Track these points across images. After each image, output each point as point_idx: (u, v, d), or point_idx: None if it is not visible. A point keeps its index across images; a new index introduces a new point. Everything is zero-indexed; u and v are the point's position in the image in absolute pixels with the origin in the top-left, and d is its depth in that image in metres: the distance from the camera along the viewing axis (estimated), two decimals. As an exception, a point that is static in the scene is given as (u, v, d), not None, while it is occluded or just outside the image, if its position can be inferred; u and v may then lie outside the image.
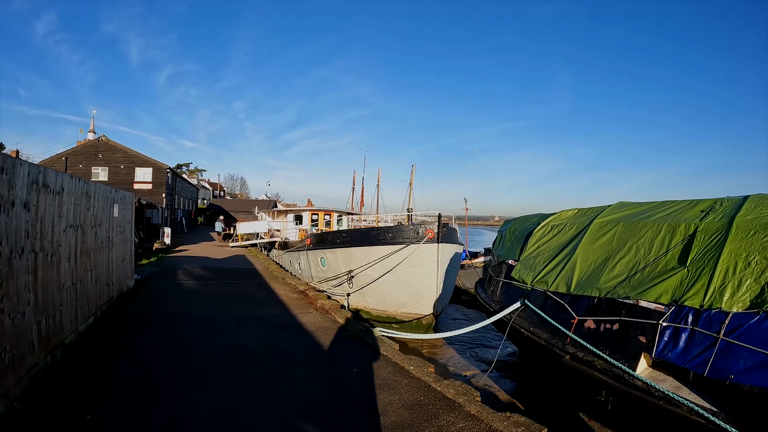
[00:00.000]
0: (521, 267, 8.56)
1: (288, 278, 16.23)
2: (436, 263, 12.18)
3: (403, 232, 12.53)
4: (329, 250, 15.04)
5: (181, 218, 48.33)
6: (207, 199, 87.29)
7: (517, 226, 10.39)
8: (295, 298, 12.21)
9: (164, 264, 18.81)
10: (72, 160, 41.01)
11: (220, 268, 18.41)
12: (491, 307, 9.05)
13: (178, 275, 15.64)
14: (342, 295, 14.21)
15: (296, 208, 28.35)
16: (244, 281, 14.92)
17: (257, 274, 17.29)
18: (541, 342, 6.74)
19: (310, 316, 10.01)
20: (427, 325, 12.90)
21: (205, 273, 16.53)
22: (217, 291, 12.75)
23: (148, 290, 12.35)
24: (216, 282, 14.45)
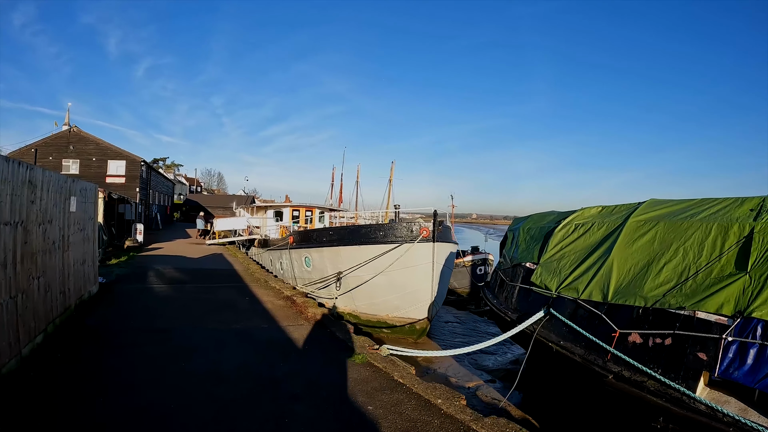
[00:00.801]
0: (543, 271, 7.71)
1: (271, 281, 14.81)
2: (431, 264, 11.25)
3: (396, 230, 11.54)
4: (314, 250, 13.87)
5: (155, 214, 46.12)
6: (183, 195, 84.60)
7: (532, 225, 9.49)
8: (282, 306, 10.83)
9: (135, 264, 17.12)
10: (42, 151, 38.62)
11: (196, 269, 16.84)
12: (507, 315, 8.26)
13: (150, 278, 14.05)
14: (328, 298, 13.23)
15: (276, 204, 26.92)
16: (223, 285, 13.44)
17: (237, 276, 15.79)
18: (575, 358, 5.91)
19: (303, 330, 8.68)
20: (421, 330, 11.97)
21: (179, 275, 14.97)
22: (193, 297, 11.28)
23: (114, 297, 10.79)
24: (192, 286, 12.94)
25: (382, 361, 6.97)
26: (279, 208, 26.33)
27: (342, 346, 7.71)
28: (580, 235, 7.55)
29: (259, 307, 10.66)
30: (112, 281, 12.87)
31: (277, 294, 12.46)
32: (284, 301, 11.45)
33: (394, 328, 12.23)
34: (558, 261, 7.53)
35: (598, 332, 5.76)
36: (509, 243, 10.33)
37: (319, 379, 6.10)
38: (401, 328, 12.13)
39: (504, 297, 9.18)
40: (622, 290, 5.84)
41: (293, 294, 12.34)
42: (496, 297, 9.70)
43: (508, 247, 10.23)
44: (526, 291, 8.12)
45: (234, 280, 14.63)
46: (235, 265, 18.65)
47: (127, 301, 10.36)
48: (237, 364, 6.49)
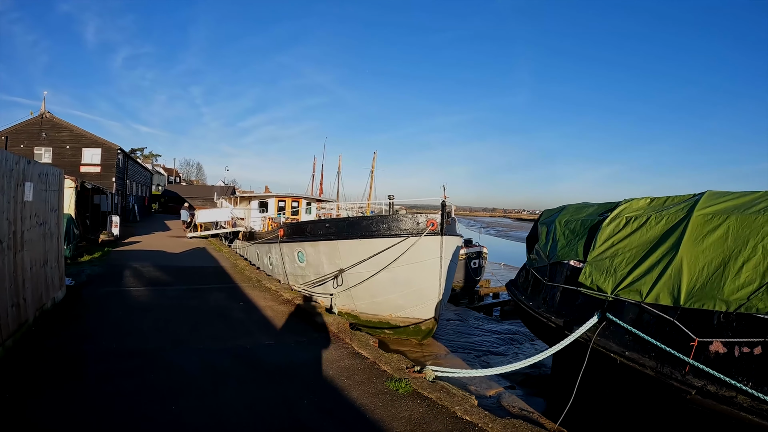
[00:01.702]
0: (592, 270, 6.94)
1: (264, 280, 13.20)
2: (439, 259, 10.31)
3: (400, 222, 10.57)
4: (309, 244, 12.62)
5: (133, 205, 43.64)
6: (162, 185, 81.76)
7: (570, 217, 8.67)
8: (284, 313, 9.29)
9: (110, 262, 15.25)
10: (12, 139, 35.81)
11: (179, 266, 15.06)
12: (551, 321, 7.51)
13: (126, 278, 12.26)
14: (324, 296, 12.13)
15: (261, 194, 25.30)
16: (211, 286, 11.77)
17: (225, 274, 14.11)
18: (646, 371, 5.30)
19: (318, 347, 7.19)
20: (427, 330, 11.07)
21: (160, 274, 13.21)
22: (178, 304, 9.60)
23: (84, 305, 9.04)
24: (175, 289, 11.22)
25: (432, 389, 5.55)
26: (264, 198, 24.77)
27: (374, 369, 6.22)
28: (635, 229, 6.75)
29: (258, 315, 9.07)
30: (82, 283, 11.11)
31: (275, 297, 10.86)
32: (285, 306, 9.88)
33: (397, 329, 11.31)
34: (611, 259, 6.75)
35: (671, 341, 5.20)
36: (543, 238, 9.35)
37: (364, 426, 4.57)
38: (405, 328, 11.20)
39: (542, 299, 8.30)
40: (697, 293, 5.25)
41: (293, 296, 10.78)
42: (531, 299, 8.82)
43: (543, 243, 9.28)
44: (572, 293, 7.33)
45: (223, 280, 12.97)
46: (222, 262, 16.93)
47: (98, 311, 8.61)
48: (245, 407, 4.87)
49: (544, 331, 8.35)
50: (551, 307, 7.89)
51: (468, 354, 11.25)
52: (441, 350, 11.26)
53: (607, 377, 6.34)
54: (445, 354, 10.99)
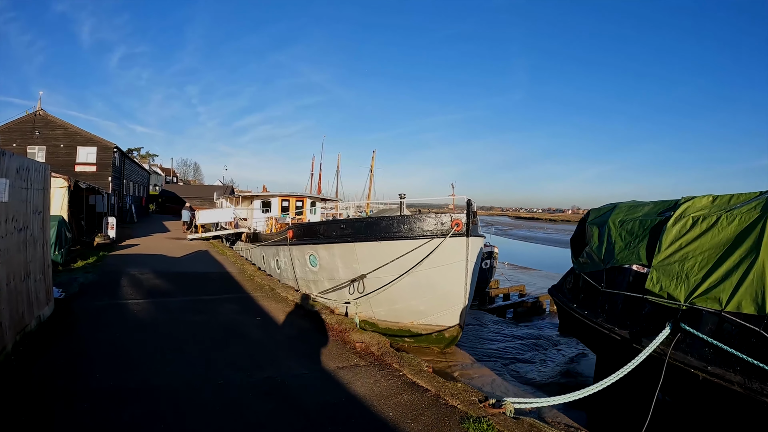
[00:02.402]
0: (660, 276, 6.37)
1: (278, 288, 11.89)
2: (465, 261, 9.55)
3: (423, 222, 9.75)
4: (322, 246, 11.64)
5: (130, 206, 42.10)
6: (159, 186, 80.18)
7: (625, 217, 7.95)
8: (311, 330, 8.05)
9: (105, 268, 13.84)
10: (5, 138, 34.25)
11: (181, 272, 13.68)
12: (613, 332, 6.91)
13: (123, 288, 10.86)
14: (338, 302, 11.31)
15: (264, 193, 24.10)
16: (219, 297, 10.41)
17: (233, 281, 12.76)
18: (734, 388, 4.82)
19: (363, 375, 5.84)
20: (451, 338, 10.21)
21: (161, 282, 11.82)
22: (183, 320, 8.23)
23: (74, 323, 7.64)
24: (179, 300, 9.85)
25: (520, 429, 4.34)
26: (267, 198, 23.43)
27: (440, 405, 4.92)
28: (704, 230, 6.17)
29: (280, 333, 7.74)
30: (74, 294, 9.75)
31: (294, 309, 9.55)
32: (309, 321, 8.58)
33: (418, 337, 10.50)
34: (680, 263, 6.19)
35: (760, 354, 4.75)
36: (595, 239, 8.54)
37: None
38: (427, 336, 10.38)
39: (600, 308, 7.66)
40: (785, 300, 4.79)
41: (318, 309, 9.45)
42: (585, 307, 8.16)
43: (596, 245, 8.43)
44: (637, 300, 6.77)
45: (231, 289, 11.61)
46: (227, 266, 15.56)
47: (91, 332, 7.21)
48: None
49: (603, 344, 7.70)
50: (612, 317, 7.27)
51: (495, 362, 10.50)
52: (466, 359, 10.51)
53: (685, 394, 5.91)
54: (471, 363, 10.23)
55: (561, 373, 10.07)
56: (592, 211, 9.53)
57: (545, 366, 10.55)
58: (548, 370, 10.27)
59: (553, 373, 10.09)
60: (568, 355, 11.38)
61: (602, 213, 9.00)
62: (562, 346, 12.07)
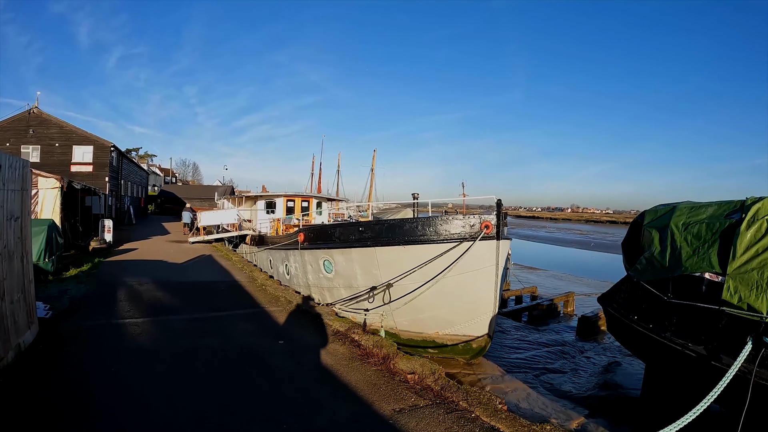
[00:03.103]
0: (738, 285, 5.86)
1: (294, 299, 10.57)
2: (495, 266, 8.90)
3: (450, 224, 9.05)
4: (338, 251, 10.80)
5: (128, 207, 40.58)
6: (158, 186, 78.63)
7: (689, 219, 7.16)
8: (348, 357, 6.60)
9: (100, 277, 12.40)
10: (-2, 137, 32.96)
11: (185, 283, 12.24)
12: (686, 348, 6.35)
13: (119, 303, 9.41)
14: (357, 312, 10.48)
15: (268, 193, 22.74)
16: (230, 313, 9.00)
17: (243, 292, 11.36)
18: None
19: (426, 419, 4.53)
20: (478, 349, 9.48)
21: (163, 295, 10.40)
22: (192, 346, 6.78)
23: (60, 354, 6.19)
24: (185, 318, 8.43)
25: None
26: (271, 198, 22.10)
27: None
28: None
29: (312, 362, 6.32)
30: (63, 311, 8.34)
31: (320, 327, 8.15)
32: (343, 344, 7.16)
33: (443, 348, 9.76)
34: (759, 271, 5.73)
35: None
36: (656, 244, 7.74)
37: None
38: (453, 347, 9.66)
39: (665, 319, 7.08)
40: None
41: (348, 327, 8.06)
42: (647, 319, 7.50)
43: (657, 250, 7.64)
44: (711, 313, 6.24)
45: (243, 301, 10.21)
46: (235, 274, 14.16)
47: (78, 367, 5.75)
48: None
49: (672, 360, 7.00)
50: (682, 330, 6.72)
51: (525, 374, 9.80)
52: (495, 370, 9.76)
53: None
54: (501, 375, 9.51)
55: (599, 385, 9.36)
56: (647, 213, 8.59)
57: (578, 376, 9.82)
58: (583, 381, 9.55)
59: (589, 385, 9.38)
60: (599, 364, 10.66)
61: (660, 215, 8.16)
62: (588, 353, 11.37)
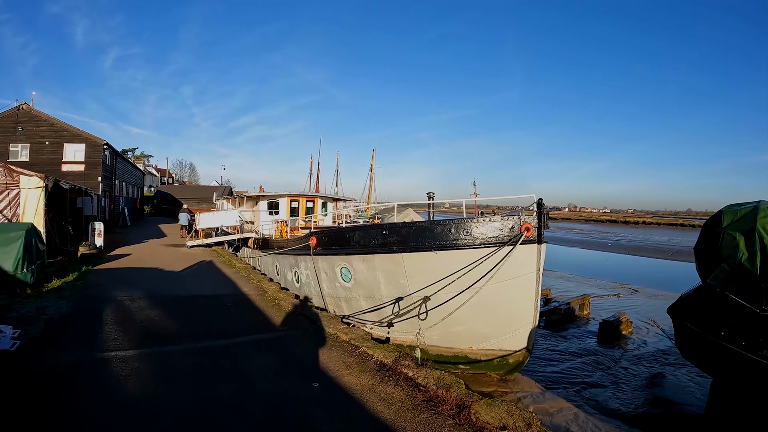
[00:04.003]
0: None
1: (318, 318, 8.82)
2: (535, 273, 8.08)
3: (487, 226, 8.11)
4: (358, 258, 9.55)
5: (122, 208, 38.66)
6: (154, 187, 76.72)
7: None
8: (407, 405, 4.85)
9: (86, 290, 10.60)
10: (-14, 135, 31.04)
11: (184, 297, 10.43)
12: None
13: (106, 328, 7.58)
14: (379, 325, 9.30)
15: (271, 193, 21.10)
16: (242, 339, 7.22)
17: (255, 309, 9.61)
18: None
19: None
20: (515, 364, 8.61)
21: (158, 316, 8.58)
22: (200, 396, 5.01)
23: (23, 412, 4.45)
24: (185, 350, 6.62)
25: None
26: (274, 198, 20.58)
27: None
28: None
29: (367, 416, 4.58)
30: (35, 340, 6.60)
31: (359, 358, 6.41)
32: (397, 385, 5.40)
33: (475, 364, 8.81)
34: None
35: None
36: (742, 249, 6.90)
37: None
38: (487, 363, 8.74)
39: (759, 335, 6.09)
40: None
41: (395, 358, 6.31)
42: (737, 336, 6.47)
43: (743, 256, 6.83)
44: None
45: (257, 323, 8.44)
46: (241, 284, 12.41)
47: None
48: None
49: None
50: None
51: (566, 390, 8.83)
52: (533, 387, 8.81)
53: None
54: (540, 393, 8.52)
55: (649, 402, 8.44)
56: (725, 214, 7.64)
57: (621, 391, 8.93)
58: (627, 396, 8.68)
59: (637, 401, 8.48)
60: (640, 375, 9.74)
61: (741, 216, 7.33)
62: (623, 362, 10.50)
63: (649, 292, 19.71)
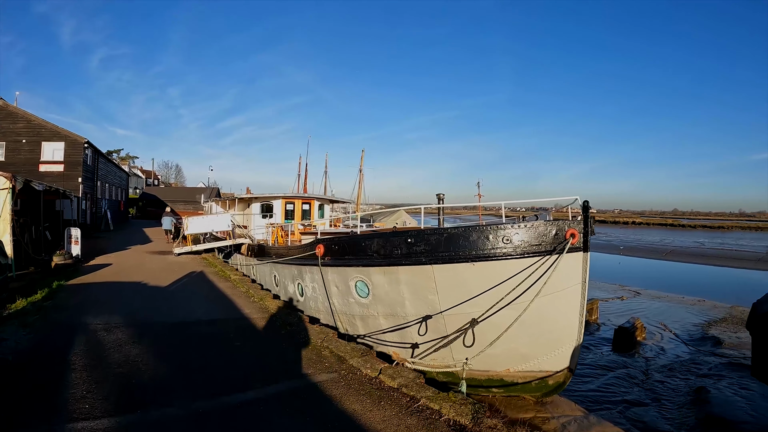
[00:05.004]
0: None
1: (349, 355, 7.02)
2: (581, 285, 7.02)
3: (530, 233, 7.01)
4: (378, 270, 8.19)
5: (105, 211, 36.24)
6: (140, 188, 74.01)
7: None
8: None
9: (54, 315, 8.63)
10: (-41, 132, 28.62)
11: (174, 324, 8.52)
12: None
13: (73, 376, 5.63)
14: (402, 346, 8.30)
15: (264, 195, 19.43)
16: (256, 394, 5.37)
17: (264, 340, 7.79)
18: None
19: None
20: (555, 386, 7.53)
21: (142, 356, 6.64)
22: None
23: None
24: (180, 417, 4.75)
25: None
26: (267, 199, 18.98)
27: None
28: None
29: None
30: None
31: (424, 417, 4.68)
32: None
33: (511, 386, 7.78)
34: None
35: None
36: None
37: None
38: (524, 385, 7.70)
39: None
40: None
41: (473, 415, 4.63)
42: None
43: None
44: None
45: (272, 365, 6.55)
46: (240, 303, 10.54)
47: None
48: None
49: None
50: None
51: (608, 411, 8.01)
52: (574, 409, 7.93)
53: None
54: (583, 416, 7.67)
55: (700, 421, 7.60)
56: None
57: (665, 409, 8.17)
58: (675, 415, 7.91)
59: (688, 421, 7.67)
60: (680, 390, 9.02)
61: None
62: (656, 375, 9.74)
63: (651, 294, 18.86)
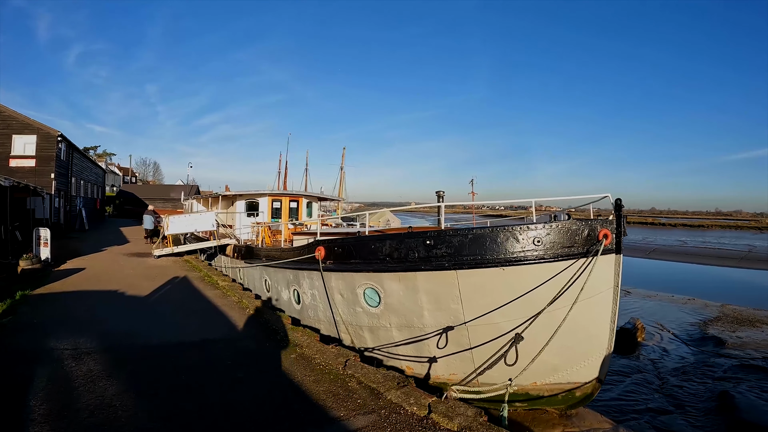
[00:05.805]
0: None
1: (378, 384, 5.79)
2: (613, 289, 6.46)
3: (561, 234, 6.33)
4: (392, 276, 7.38)
5: (80, 210, 34.12)
6: (117, 186, 71.27)
7: None
8: None
9: (12, 340, 7.15)
10: None
11: (157, 349, 7.16)
12: None
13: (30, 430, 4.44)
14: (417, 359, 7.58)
15: (249, 192, 18.36)
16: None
17: (272, 369, 6.48)
18: None
19: None
20: (582, 397, 6.90)
21: (118, 399, 5.26)
22: None
23: None
24: None
25: None
26: (253, 197, 17.92)
27: None
28: None
29: None
30: None
31: None
32: None
33: (536, 400, 7.08)
34: None
35: None
36: None
37: None
38: (550, 398, 7.01)
39: None
40: None
41: None
42: None
43: None
44: None
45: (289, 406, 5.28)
46: (235, 317, 9.20)
47: None
48: None
49: None
50: None
51: (637, 421, 7.64)
52: (602, 422, 7.47)
53: None
54: (612, 428, 7.28)
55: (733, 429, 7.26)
56: None
57: (692, 416, 7.90)
58: (703, 422, 7.63)
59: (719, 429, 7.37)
60: (700, 394, 8.77)
61: None
62: (670, 378, 9.52)
63: (641, 293, 18.55)
